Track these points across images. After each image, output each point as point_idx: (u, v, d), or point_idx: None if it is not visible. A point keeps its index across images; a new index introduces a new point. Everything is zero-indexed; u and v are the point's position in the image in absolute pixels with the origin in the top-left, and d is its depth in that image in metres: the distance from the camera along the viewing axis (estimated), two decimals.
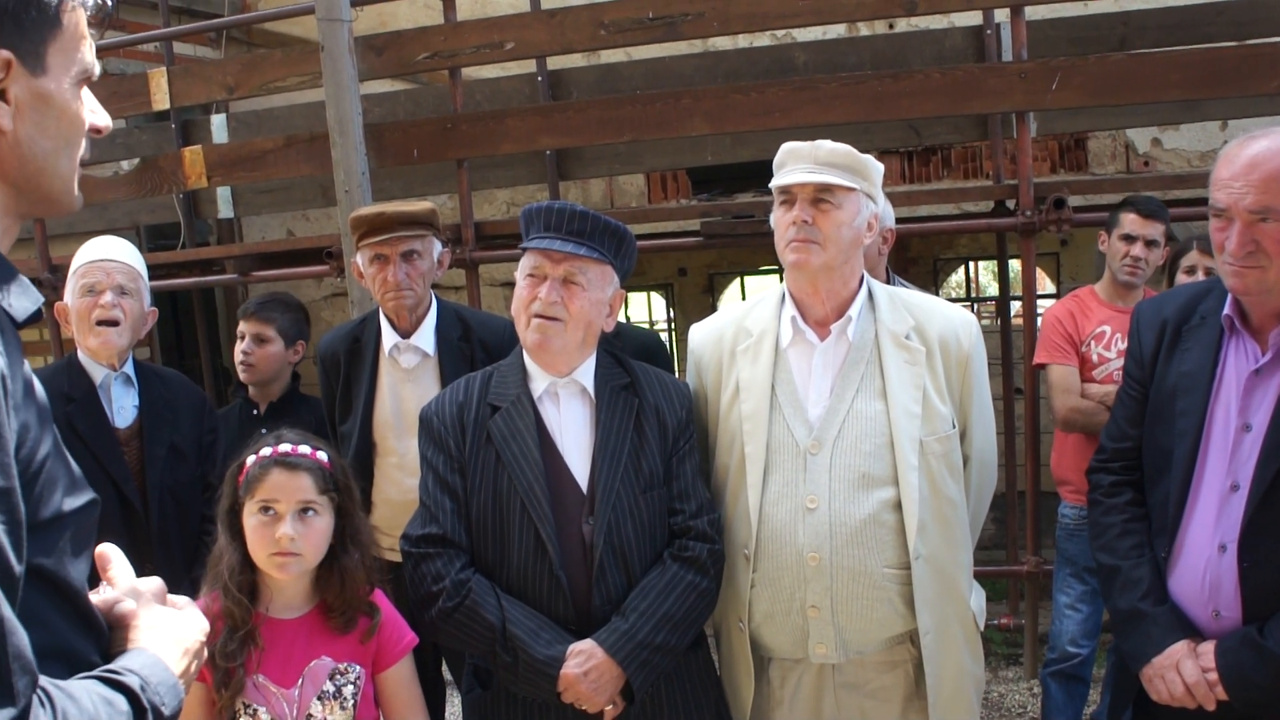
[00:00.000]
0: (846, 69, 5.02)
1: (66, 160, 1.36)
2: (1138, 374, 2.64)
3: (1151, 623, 2.45)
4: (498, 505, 2.55)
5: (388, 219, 3.37)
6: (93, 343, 3.27)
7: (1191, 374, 2.48)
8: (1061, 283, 9.16)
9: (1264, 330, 2.41)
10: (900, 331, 2.63)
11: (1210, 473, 2.43)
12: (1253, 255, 2.29)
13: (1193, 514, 2.45)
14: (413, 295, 3.41)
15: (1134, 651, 2.49)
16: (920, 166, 7.44)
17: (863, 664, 2.62)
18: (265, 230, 7.65)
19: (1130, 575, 2.52)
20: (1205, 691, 2.34)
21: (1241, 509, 2.35)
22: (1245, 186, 2.28)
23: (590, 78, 5.55)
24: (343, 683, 2.50)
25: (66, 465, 1.30)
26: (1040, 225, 4.56)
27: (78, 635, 1.30)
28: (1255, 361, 2.40)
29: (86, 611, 1.32)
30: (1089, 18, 5.20)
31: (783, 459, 2.60)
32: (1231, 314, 2.45)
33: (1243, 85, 4.28)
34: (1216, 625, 2.40)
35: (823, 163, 2.55)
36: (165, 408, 3.43)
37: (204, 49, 7.23)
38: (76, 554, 1.29)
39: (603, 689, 2.46)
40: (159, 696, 1.32)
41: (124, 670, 1.31)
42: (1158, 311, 2.64)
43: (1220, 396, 2.44)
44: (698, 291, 10.34)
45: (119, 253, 3.37)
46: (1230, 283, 2.37)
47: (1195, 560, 2.43)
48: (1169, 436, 2.50)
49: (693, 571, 2.55)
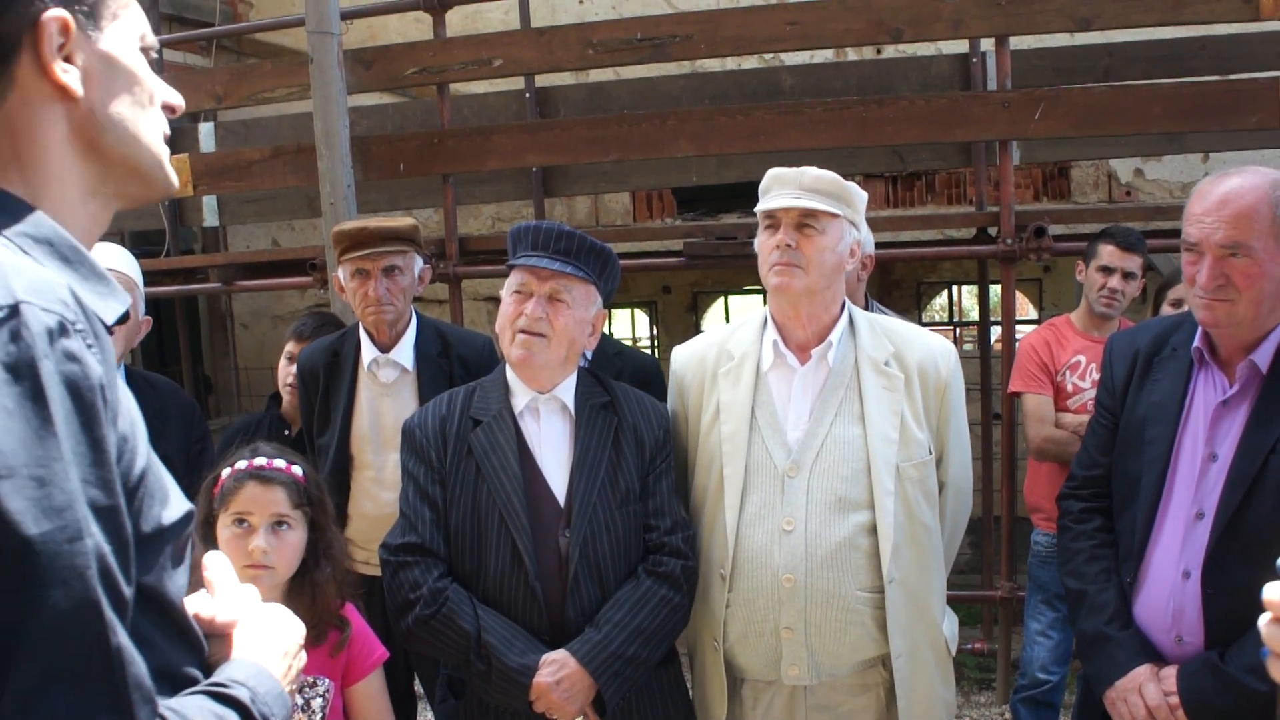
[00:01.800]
0: (833, 93, 5.06)
1: (149, 128, 1.29)
2: (1109, 403, 2.68)
3: (1116, 646, 2.49)
4: (476, 516, 2.57)
5: (370, 234, 3.37)
6: None
7: (1161, 404, 2.52)
8: (1044, 309, 9.22)
9: (1232, 363, 2.45)
10: (880, 358, 2.65)
11: (1176, 501, 2.47)
12: (1223, 289, 2.33)
13: (1158, 541, 2.48)
14: (393, 310, 3.42)
15: (1098, 674, 2.53)
16: (904, 191, 7.49)
17: (835, 686, 2.63)
18: (250, 240, 7.65)
19: (1096, 599, 2.56)
20: (1166, 715, 2.38)
21: (1206, 537, 2.38)
22: (1216, 222, 2.31)
23: (578, 96, 5.57)
24: (311, 695, 2.50)
25: (161, 476, 1.24)
26: (1021, 253, 4.59)
27: (179, 651, 1.25)
28: (1223, 393, 2.44)
29: (185, 625, 1.27)
30: (1074, 49, 5.25)
31: (761, 481, 2.62)
32: (1201, 346, 2.49)
33: (1224, 119, 4.32)
34: (1179, 650, 2.44)
35: (808, 189, 2.58)
36: (155, 417, 3.36)
37: (194, 57, 7.23)
38: (175, 568, 1.23)
39: (574, 699, 2.47)
40: (268, 707, 1.27)
41: (231, 682, 1.26)
42: (1130, 343, 2.68)
43: (1189, 426, 2.48)
44: (682, 309, 10.36)
45: (118, 263, 3.29)
46: (1200, 315, 2.41)
47: (1160, 586, 2.46)
48: (1137, 465, 2.53)
49: (666, 586, 2.57)
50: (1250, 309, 2.34)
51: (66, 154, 1.21)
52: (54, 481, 1.00)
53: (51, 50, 1.16)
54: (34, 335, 1.00)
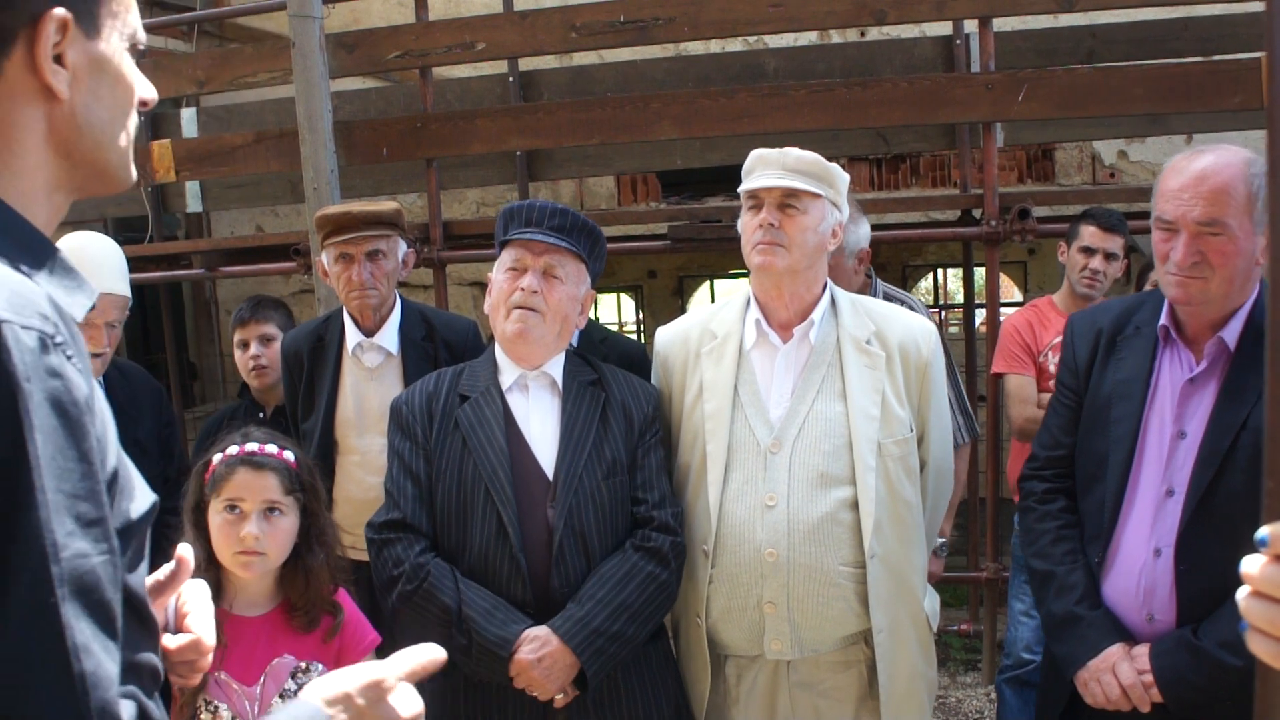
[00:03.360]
0: (816, 76, 5.05)
1: (123, 131, 1.30)
2: (1072, 383, 2.68)
3: (1087, 626, 2.48)
4: (462, 490, 2.58)
5: (353, 218, 3.37)
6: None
7: (1127, 382, 2.53)
8: (1029, 291, 9.26)
9: (1199, 340, 2.46)
10: (861, 336, 2.67)
11: (1145, 478, 2.47)
12: (1197, 266, 2.33)
13: (1128, 519, 2.49)
14: (377, 295, 3.42)
15: (1069, 655, 2.51)
16: (889, 174, 7.50)
17: (817, 663, 2.65)
18: (234, 225, 7.62)
19: (1065, 580, 2.55)
20: (1141, 694, 2.38)
21: (1178, 514, 2.39)
22: (1194, 198, 2.32)
23: (562, 79, 5.56)
24: (305, 681, 2.49)
25: (130, 471, 1.23)
26: (1005, 235, 4.61)
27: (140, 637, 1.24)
28: (1190, 370, 2.45)
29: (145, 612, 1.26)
30: (1057, 30, 5.26)
31: (744, 457, 2.64)
32: (1167, 324, 2.50)
33: (1207, 100, 4.33)
34: (1150, 629, 2.44)
35: (790, 169, 2.60)
36: (129, 405, 3.40)
37: (175, 42, 7.19)
38: (140, 559, 1.24)
39: (555, 677, 2.47)
40: None
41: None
42: (1092, 322, 2.68)
43: (1155, 404, 2.49)
44: (667, 294, 10.37)
45: (117, 283, 3.28)
46: (1173, 293, 2.41)
47: (1130, 564, 2.46)
48: (1104, 443, 2.54)
49: (653, 562, 2.58)
50: (1223, 286, 2.36)
51: (40, 151, 1.21)
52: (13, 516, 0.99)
53: (46, 49, 1.15)
54: (15, 358, 0.99)
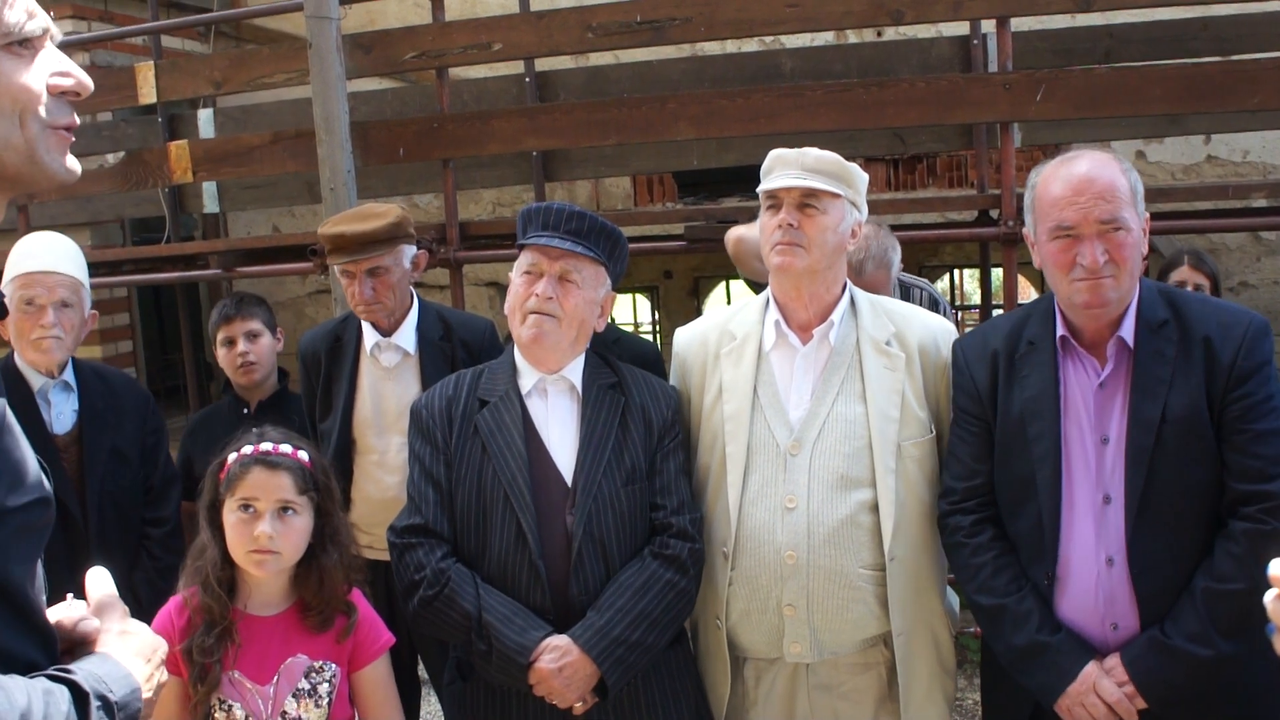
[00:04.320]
0: (833, 76, 5.04)
1: (20, 134, 1.28)
2: (976, 409, 2.59)
3: (1055, 652, 2.42)
4: (481, 496, 2.58)
5: (347, 241, 3.33)
6: (32, 355, 3.24)
7: (1037, 398, 2.48)
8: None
9: (1098, 345, 2.45)
10: (881, 338, 2.66)
11: (1079, 490, 2.44)
12: (1106, 265, 2.33)
13: (1071, 533, 2.44)
14: (382, 308, 3.40)
15: (1044, 686, 2.44)
16: (905, 174, 7.47)
17: (836, 665, 2.64)
18: (251, 226, 7.63)
19: (1018, 610, 2.47)
20: (1128, 707, 2.34)
21: (1120, 520, 2.38)
22: (1091, 199, 2.34)
23: (577, 80, 5.55)
24: (318, 680, 2.50)
25: (16, 463, 1.25)
26: (1022, 235, 4.57)
27: (18, 637, 1.25)
28: (1098, 375, 2.44)
29: (27, 610, 1.27)
30: (1074, 30, 5.23)
31: (763, 459, 2.63)
32: (1065, 333, 2.49)
33: (1224, 100, 4.30)
34: (1115, 638, 2.42)
35: (809, 169, 2.59)
36: (108, 411, 3.38)
37: (192, 43, 7.21)
38: (18, 552, 1.24)
39: (575, 686, 2.47)
40: (105, 685, 1.28)
41: (71, 669, 1.28)
42: (983, 344, 2.63)
43: (1069, 415, 2.46)
44: (683, 294, 10.35)
45: (61, 262, 3.27)
46: (1085, 298, 2.37)
47: (1084, 578, 2.42)
48: (1026, 463, 2.48)
49: (672, 570, 2.57)
50: (1129, 282, 2.38)
51: None
52: None
53: None
54: None
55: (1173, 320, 2.41)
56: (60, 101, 1.33)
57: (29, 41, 1.29)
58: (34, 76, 1.30)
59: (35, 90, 1.30)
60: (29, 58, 1.29)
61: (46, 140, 1.32)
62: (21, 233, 5.66)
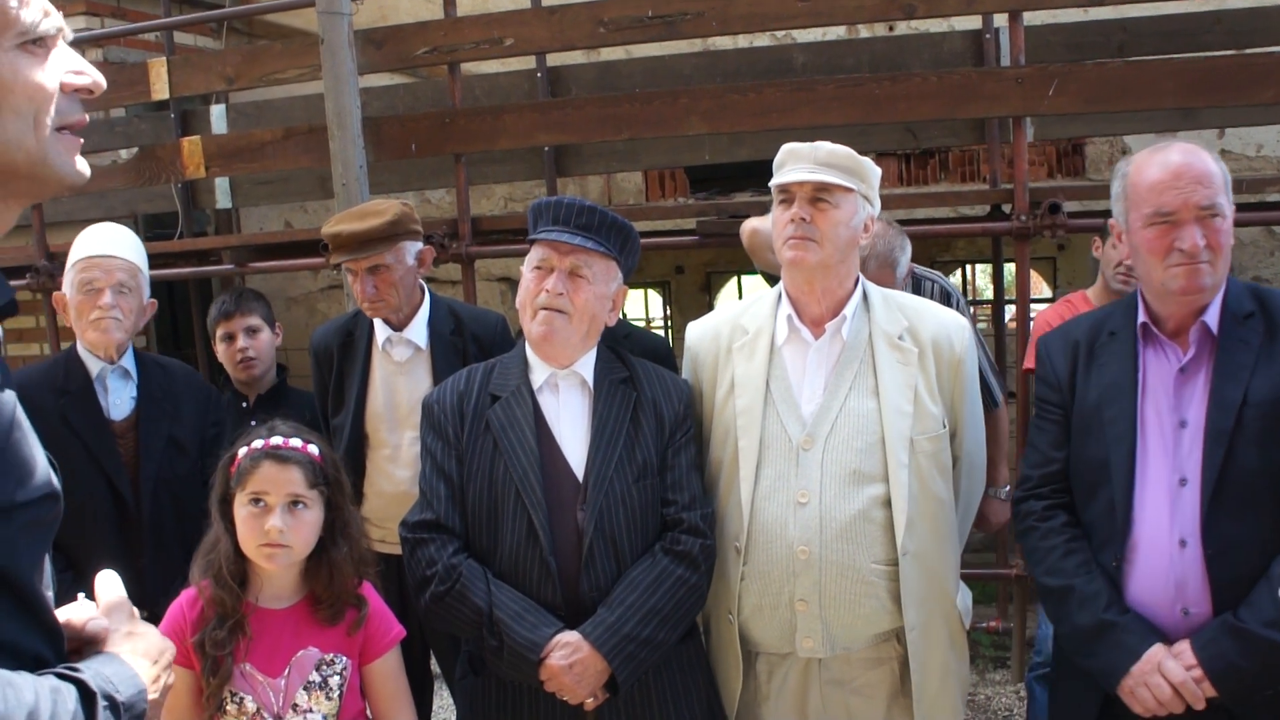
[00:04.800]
0: (845, 71, 5.02)
1: (36, 136, 1.28)
2: (1055, 398, 2.64)
3: (1123, 631, 2.40)
4: (493, 492, 2.58)
5: (345, 240, 3.34)
6: (92, 335, 3.27)
7: (1115, 384, 2.51)
8: (1058, 287, 9.16)
9: (1181, 333, 2.46)
10: (894, 332, 2.66)
11: (1153, 472, 2.44)
12: (1205, 250, 2.35)
13: (1143, 515, 2.44)
14: (385, 305, 3.40)
15: (1108, 666, 2.42)
16: (917, 169, 7.44)
17: (849, 660, 2.64)
18: (263, 221, 7.64)
19: (1086, 590, 2.46)
20: (1193, 690, 2.30)
21: (1196, 502, 2.37)
22: (1190, 185, 2.35)
23: (589, 75, 5.55)
24: (329, 673, 2.51)
25: (25, 457, 1.25)
26: (1035, 230, 4.56)
27: (26, 632, 1.26)
28: (1179, 361, 2.44)
29: (34, 606, 1.27)
30: (1087, 24, 5.20)
31: (775, 454, 2.63)
32: (1146, 320, 2.50)
33: (1239, 94, 4.28)
34: (1185, 624, 2.39)
35: (822, 163, 2.59)
36: (165, 400, 3.40)
37: (204, 39, 7.22)
38: (26, 545, 1.25)
39: (586, 682, 2.48)
40: (112, 685, 1.29)
41: (78, 668, 1.28)
42: (1065, 336, 2.68)
43: (1147, 399, 2.48)
44: (695, 290, 10.33)
45: (119, 247, 3.34)
46: (1181, 284, 2.38)
47: (1156, 560, 2.42)
48: (1101, 447, 2.50)
49: (683, 566, 2.57)
50: (1224, 269, 2.40)
51: None
52: None
53: None
54: None
55: (1259, 313, 2.43)
56: (71, 98, 1.33)
57: (43, 40, 1.29)
58: (48, 75, 1.30)
59: (50, 89, 1.30)
60: (43, 56, 1.29)
61: (58, 142, 1.32)
62: (37, 229, 5.71)
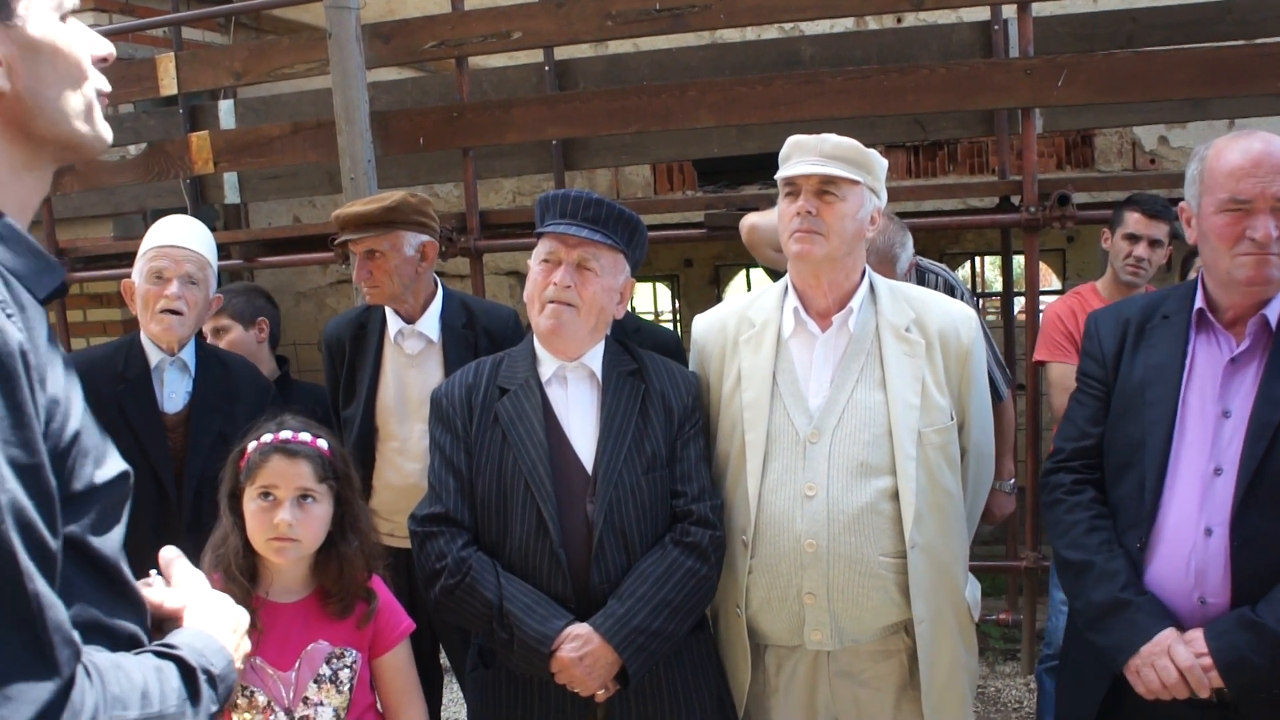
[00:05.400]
0: (853, 63, 5.02)
1: (78, 100, 1.32)
2: (1099, 374, 2.64)
3: (1137, 610, 2.40)
4: (502, 484, 2.58)
5: (343, 220, 3.36)
6: (154, 328, 3.26)
7: (1161, 366, 2.50)
8: (1067, 279, 9.15)
9: (1239, 322, 2.44)
10: (900, 324, 2.65)
11: (1187, 459, 2.43)
12: (1276, 242, 2.32)
13: (1171, 501, 2.44)
14: (379, 291, 3.40)
15: (1117, 643, 2.42)
16: (926, 161, 7.42)
17: (857, 652, 2.64)
18: (272, 216, 7.65)
19: (1106, 568, 2.47)
20: (1199, 677, 2.29)
21: (1230, 492, 2.35)
22: (1269, 173, 2.31)
23: (597, 68, 5.54)
24: (339, 666, 2.52)
25: (97, 438, 1.28)
26: (1044, 221, 4.56)
27: (114, 605, 1.29)
28: (1231, 350, 2.43)
29: (120, 580, 1.31)
30: (1096, 15, 5.19)
31: (783, 447, 2.62)
32: (1203, 306, 2.48)
33: (1249, 84, 4.27)
34: (1202, 613, 2.38)
35: (828, 155, 2.58)
36: (220, 396, 3.37)
37: (212, 34, 7.23)
38: (109, 525, 1.28)
39: (597, 674, 2.48)
40: (205, 659, 1.33)
41: (175, 644, 1.32)
42: (1117, 314, 2.67)
43: (1192, 386, 2.46)
44: (703, 283, 10.33)
45: (191, 239, 3.34)
46: (1249, 273, 2.36)
47: (1179, 546, 2.41)
48: (1138, 428, 2.49)
49: (693, 557, 2.57)
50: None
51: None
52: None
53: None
54: None
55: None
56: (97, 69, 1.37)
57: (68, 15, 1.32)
58: (83, 45, 1.33)
59: (87, 58, 1.34)
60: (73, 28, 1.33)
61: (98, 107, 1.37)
62: (46, 224, 5.72)
